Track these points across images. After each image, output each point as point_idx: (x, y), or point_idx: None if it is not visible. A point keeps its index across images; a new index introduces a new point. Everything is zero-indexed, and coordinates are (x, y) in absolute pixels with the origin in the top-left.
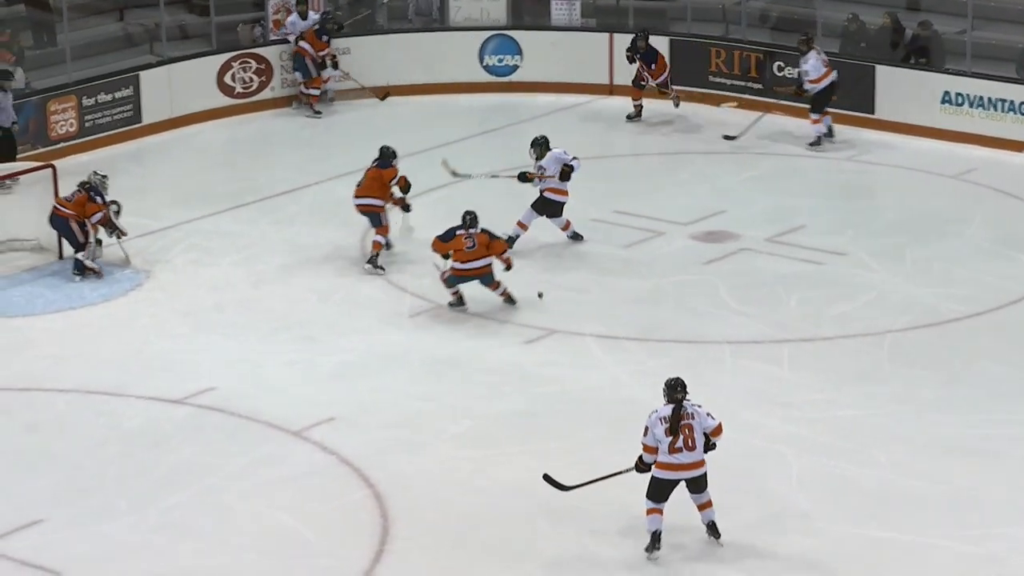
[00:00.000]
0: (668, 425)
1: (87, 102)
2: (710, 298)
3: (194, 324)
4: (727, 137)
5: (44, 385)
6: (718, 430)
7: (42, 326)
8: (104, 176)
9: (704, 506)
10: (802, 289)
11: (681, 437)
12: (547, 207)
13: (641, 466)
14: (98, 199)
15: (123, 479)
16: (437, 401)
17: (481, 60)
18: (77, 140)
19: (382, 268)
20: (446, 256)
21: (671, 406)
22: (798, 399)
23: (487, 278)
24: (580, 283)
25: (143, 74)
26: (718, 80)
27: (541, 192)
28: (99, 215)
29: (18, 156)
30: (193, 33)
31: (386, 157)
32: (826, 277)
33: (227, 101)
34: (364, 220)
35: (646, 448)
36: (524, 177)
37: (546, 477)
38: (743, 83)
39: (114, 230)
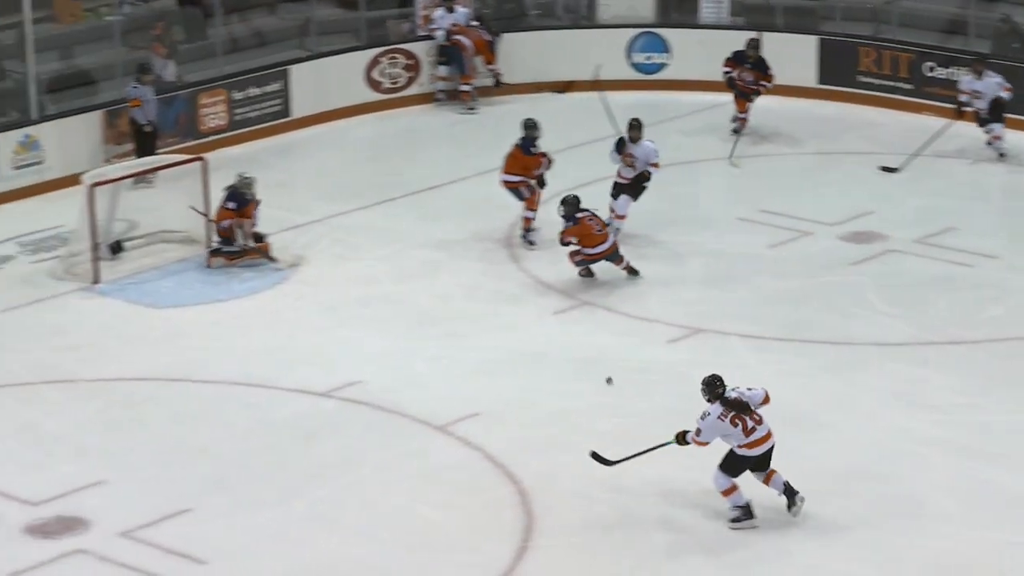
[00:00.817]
0: (731, 416)
1: (237, 96)
2: (857, 299)
3: (339, 318)
4: (888, 169)
5: (192, 376)
6: (767, 399)
7: (191, 318)
8: (248, 178)
9: (768, 477)
10: (951, 291)
11: (749, 421)
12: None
13: (683, 440)
14: (230, 205)
15: (270, 471)
16: (583, 399)
17: (629, 57)
18: (227, 134)
19: (532, 242)
20: (566, 244)
21: (718, 402)
22: (944, 402)
23: (615, 255)
24: (726, 282)
25: (292, 68)
26: (867, 80)
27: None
28: (227, 222)
29: (169, 149)
30: (342, 28)
31: (528, 138)
32: (976, 280)
33: (375, 96)
34: (514, 211)
35: (698, 444)
36: (619, 146)
37: (593, 454)
38: (892, 83)
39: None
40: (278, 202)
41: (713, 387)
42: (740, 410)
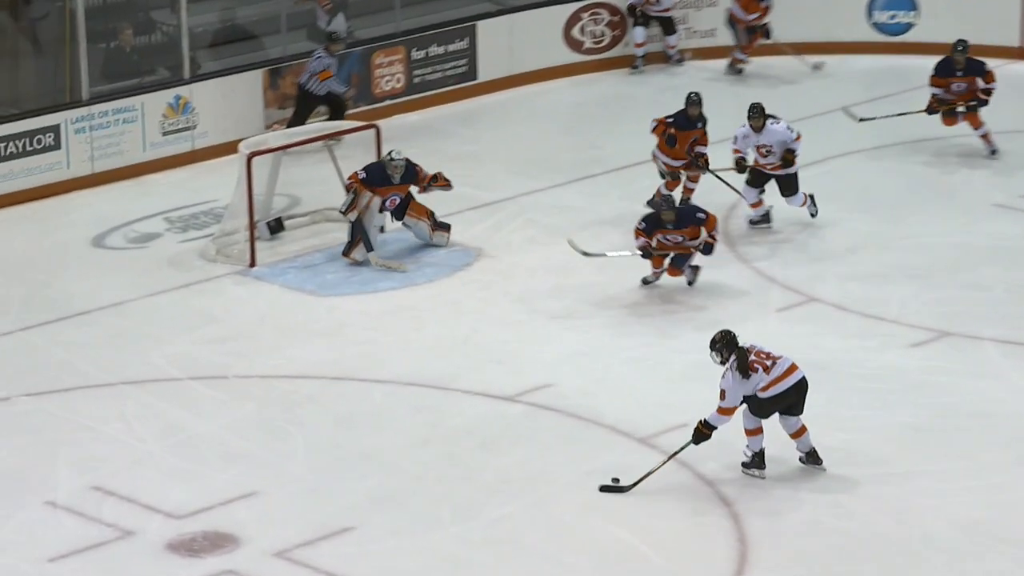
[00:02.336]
0: (748, 367)
1: (416, 55)
2: None
3: (529, 311)
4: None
5: (359, 375)
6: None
7: (358, 308)
8: (399, 160)
9: (799, 432)
10: None
11: (767, 361)
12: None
13: (702, 433)
14: (362, 174)
15: (446, 484)
16: (807, 409)
17: (870, 17)
18: (404, 98)
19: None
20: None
21: (732, 359)
22: None
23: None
24: (981, 279)
25: (480, 24)
26: None
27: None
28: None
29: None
30: None
31: (691, 116)
32: None
33: (574, 57)
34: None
35: (725, 411)
36: (741, 166)
37: (603, 488)
38: None
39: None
40: (462, 177)
41: (728, 345)
42: (747, 357)
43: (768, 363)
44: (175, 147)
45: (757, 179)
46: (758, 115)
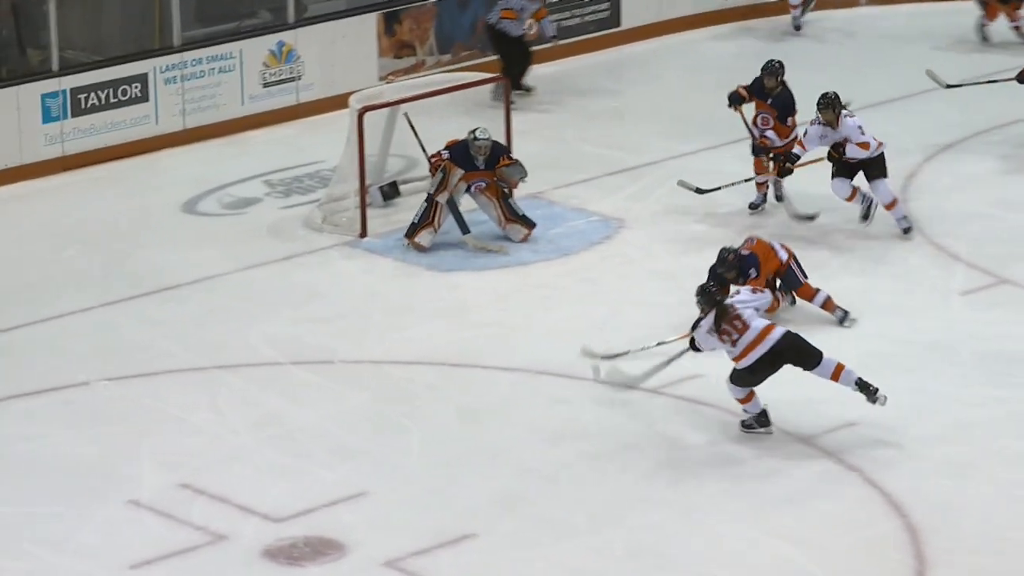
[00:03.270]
0: (720, 330)
1: None
2: None
3: (679, 292)
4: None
5: (484, 361)
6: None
7: (483, 286)
8: (483, 139)
9: (836, 372)
10: None
11: (733, 332)
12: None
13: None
14: (445, 153)
15: (581, 488)
16: (997, 408)
17: None
18: (538, 47)
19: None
20: None
21: (712, 313)
22: None
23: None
24: None
25: None
26: None
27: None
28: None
29: (461, 66)
30: None
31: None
32: None
33: (733, 1)
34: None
35: (695, 347)
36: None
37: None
38: None
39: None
40: (602, 138)
41: (708, 302)
42: (723, 319)
43: (736, 336)
44: (277, 100)
45: (843, 169)
46: (829, 106)
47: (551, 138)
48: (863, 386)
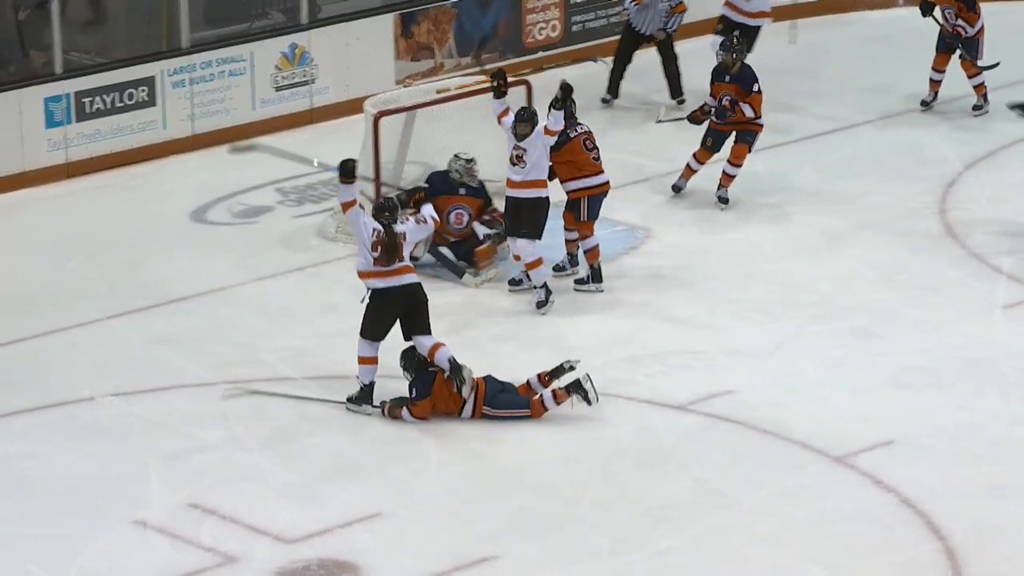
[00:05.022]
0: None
1: None
2: None
3: (708, 304)
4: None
5: (502, 376)
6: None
7: (498, 298)
8: (465, 162)
9: (432, 351)
10: None
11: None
12: None
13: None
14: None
15: (604, 509)
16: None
17: None
18: (559, 49)
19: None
20: None
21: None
22: None
23: None
24: None
25: None
26: None
27: None
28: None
29: (480, 69)
30: None
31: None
32: None
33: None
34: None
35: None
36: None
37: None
38: None
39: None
40: (626, 144)
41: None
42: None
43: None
44: (290, 104)
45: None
46: None
47: None
48: (454, 367)
